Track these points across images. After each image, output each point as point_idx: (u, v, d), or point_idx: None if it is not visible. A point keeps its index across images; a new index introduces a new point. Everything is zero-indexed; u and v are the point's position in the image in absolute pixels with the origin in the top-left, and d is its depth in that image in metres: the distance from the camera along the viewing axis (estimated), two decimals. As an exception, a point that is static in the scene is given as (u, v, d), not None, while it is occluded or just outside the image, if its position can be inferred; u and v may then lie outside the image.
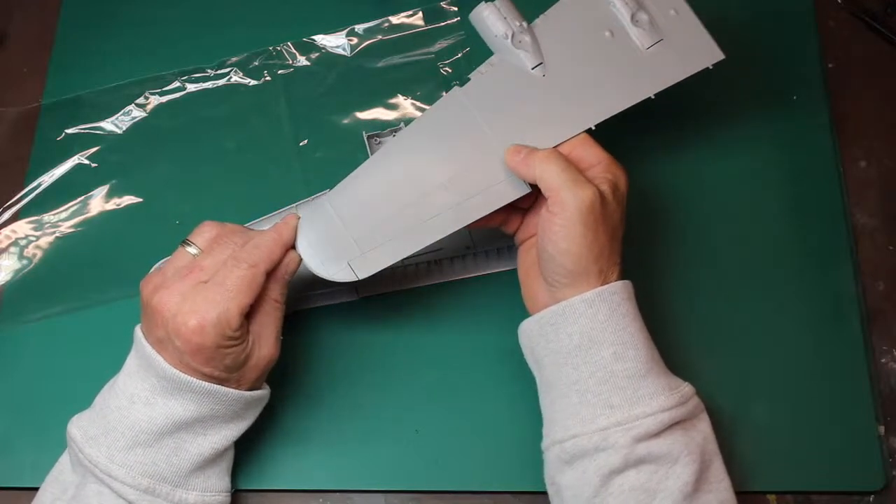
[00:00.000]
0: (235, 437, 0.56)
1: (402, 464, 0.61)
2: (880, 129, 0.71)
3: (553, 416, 0.55)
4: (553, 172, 0.54)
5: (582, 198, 0.53)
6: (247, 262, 0.53)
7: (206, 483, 0.55)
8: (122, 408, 0.53)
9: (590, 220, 0.53)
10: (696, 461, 0.52)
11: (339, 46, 0.74)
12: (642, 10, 0.60)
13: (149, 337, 0.54)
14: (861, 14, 0.74)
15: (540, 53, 0.59)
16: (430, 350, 0.64)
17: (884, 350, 0.64)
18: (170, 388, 0.53)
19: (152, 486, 0.53)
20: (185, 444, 0.54)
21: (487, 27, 0.59)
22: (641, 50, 0.60)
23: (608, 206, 0.54)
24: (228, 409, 0.55)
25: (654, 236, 0.66)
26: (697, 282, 0.65)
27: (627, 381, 0.53)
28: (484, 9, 0.59)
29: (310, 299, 0.66)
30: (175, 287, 0.53)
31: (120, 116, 0.72)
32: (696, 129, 0.70)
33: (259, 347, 0.55)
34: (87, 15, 0.76)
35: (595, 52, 0.59)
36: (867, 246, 0.67)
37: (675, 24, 0.60)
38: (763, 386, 0.62)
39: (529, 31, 0.59)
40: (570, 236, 0.53)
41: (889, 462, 0.61)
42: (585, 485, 0.52)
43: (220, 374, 0.53)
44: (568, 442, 0.53)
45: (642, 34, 0.60)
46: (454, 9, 0.74)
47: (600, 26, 0.60)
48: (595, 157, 0.56)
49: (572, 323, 0.54)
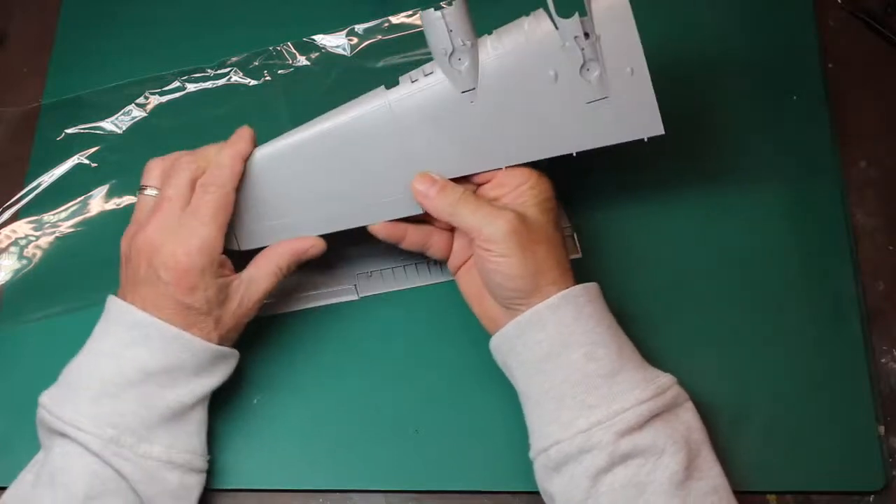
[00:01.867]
0: (203, 392, 0.56)
1: (402, 464, 0.61)
2: (880, 129, 0.70)
3: (534, 426, 0.55)
4: (467, 214, 0.55)
5: (503, 225, 0.54)
6: (214, 184, 0.56)
7: (173, 440, 0.55)
8: (87, 367, 0.55)
9: (522, 241, 0.54)
10: (683, 450, 0.52)
11: (339, 46, 0.74)
12: (596, 62, 0.55)
13: (126, 287, 0.56)
14: (861, 14, 0.74)
15: (475, 78, 0.56)
16: (430, 350, 0.64)
17: (884, 350, 0.64)
18: (138, 337, 0.54)
19: (117, 437, 0.53)
20: (151, 397, 0.54)
21: (431, 36, 0.56)
22: (581, 102, 0.56)
23: (534, 222, 0.55)
24: (195, 359, 0.55)
25: (653, 236, 0.66)
26: (696, 282, 0.65)
27: (602, 380, 0.53)
28: (433, 16, 0.55)
29: (310, 299, 0.66)
30: (152, 225, 0.55)
31: (120, 116, 0.72)
32: (695, 128, 0.70)
33: (245, 296, 0.57)
34: (87, 15, 0.76)
35: (532, 92, 0.56)
36: (867, 246, 0.67)
37: (626, 85, 0.55)
38: (763, 386, 0.62)
39: (472, 51, 0.55)
40: (511, 263, 0.54)
41: (889, 462, 0.61)
42: (575, 489, 0.52)
43: (200, 305, 0.54)
44: (552, 449, 0.53)
45: (587, 87, 0.55)
46: (454, 9, 0.74)
47: (547, 64, 0.55)
48: (520, 178, 0.57)
49: (539, 330, 0.54)
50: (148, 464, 0.54)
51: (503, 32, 0.56)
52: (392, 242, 0.60)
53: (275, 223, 0.59)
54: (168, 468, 0.54)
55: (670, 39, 0.72)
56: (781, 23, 0.73)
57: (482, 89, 0.56)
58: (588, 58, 0.55)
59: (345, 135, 0.58)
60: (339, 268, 0.66)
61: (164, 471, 0.54)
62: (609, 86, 0.55)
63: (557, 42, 0.55)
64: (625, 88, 0.55)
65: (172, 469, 0.55)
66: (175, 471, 0.55)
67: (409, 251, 0.60)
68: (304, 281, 0.66)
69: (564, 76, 0.55)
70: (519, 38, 0.55)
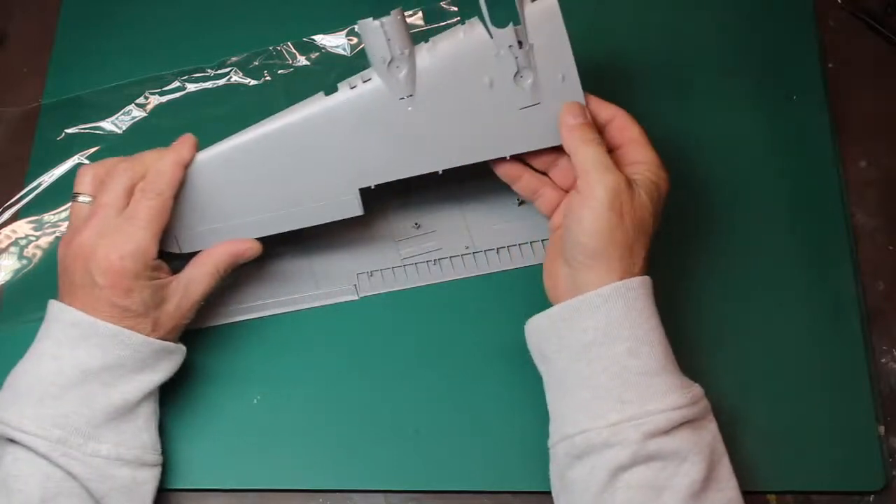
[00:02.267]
0: (148, 388, 0.57)
1: (402, 464, 0.61)
2: (880, 129, 0.70)
3: (562, 412, 0.55)
4: (588, 155, 0.55)
5: (609, 182, 0.54)
6: (153, 191, 0.56)
7: (121, 437, 0.55)
8: (30, 370, 0.55)
9: (615, 205, 0.54)
10: (705, 460, 0.52)
11: (339, 46, 0.74)
12: (529, 69, 0.57)
13: (63, 291, 0.57)
14: (861, 14, 0.74)
15: (412, 85, 0.57)
16: (430, 350, 0.64)
17: (884, 350, 0.64)
18: (76, 337, 0.55)
19: (64, 437, 0.53)
20: (94, 395, 0.55)
21: (370, 45, 0.56)
22: (515, 108, 0.58)
23: (637, 198, 0.55)
24: (135, 355, 0.55)
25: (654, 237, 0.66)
26: (696, 282, 0.65)
27: (640, 378, 0.53)
28: (372, 25, 0.55)
29: (310, 299, 0.66)
30: (87, 230, 0.56)
31: (120, 116, 0.72)
32: (695, 128, 0.70)
33: (183, 297, 0.57)
34: (87, 15, 0.76)
35: (467, 98, 0.57)
36: (867, 246, 0.67)
37: (557, 91, 0.57)
38: (763, 386, 0.62)
39: (410, 59, 0.56)
40: (594, 216, 0.54)
41: (889, 462, 0.61)
42: (593, 479, 0.52)
43: (137, 307, 0.55)
44: (578, 436, 0.53)
45: (521, 94, 0.57)
46: (454, 9, 0.74)
47: (482, 72, 0.57)
48: (643, 157, 0.57)
49: (587, 318, 0.54)
50: (97, 462, 0.54)
51: (440, 40, 0.57)
52: (507, 181, 0.61)
53: (216, 226, 0.60)
54: (118, 465, 0.55)
55: (670, 39, 0.72)
56: (781, 23, 0.73)
57: (419, 95, 0.57)
58: (521, 66, 0.57)
59: (283, 139, 0.58)
60: (339, 268, 0.66)
61: (114, 468, 0.55)
62: (542, 92, 0.57)
63: (492, 50, 0.56)
64: (556, 94, 0.57)
65: (122, 466, 0.55)
66: (125, 467, 0.55)
67: (409, 253, 0.60)
68: (303, 282, 0.66)
69: (499, 83, 0.57)
70: (455, 46, 0.57)
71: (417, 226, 0.66)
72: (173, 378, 0.59)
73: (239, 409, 0.63)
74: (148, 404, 0.58)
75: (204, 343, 0.64)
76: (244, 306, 0.65)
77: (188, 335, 0.64)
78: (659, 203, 0.57)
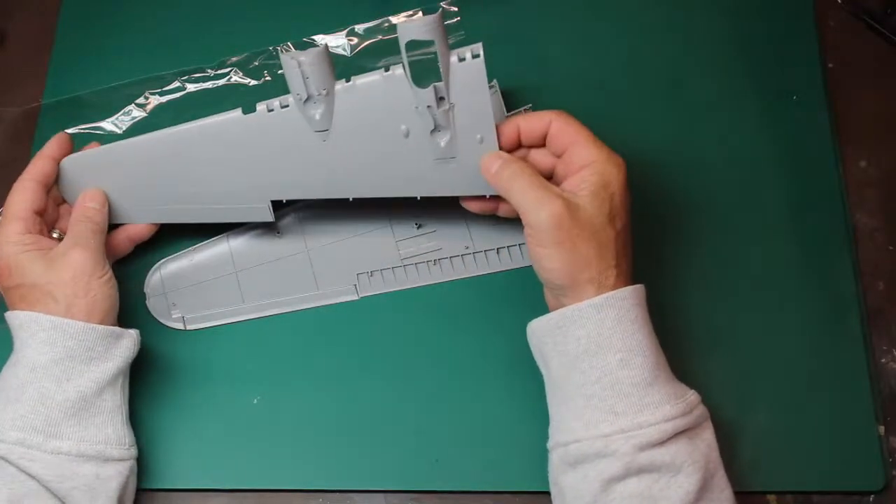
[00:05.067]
0: (104, 379, 0.56)
1: (402, 464, 0.61)
2: (880, 129, 0.70)
3: (558, 418, 0.55)
4: (518, 193, 0.55)
5: (546, 217, 0.53)
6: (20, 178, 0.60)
7: (83, 432, 0.55)
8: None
9: (560, 236, 0.53)
10: (700, 470, 0.52)
11: (339, 46, 0.74)
12: (447, 129, 0.56)
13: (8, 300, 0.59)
14: (861, 14, 0.74)
15: (329, 122, 0.57)
16: (429, 350, 0.64)
17: (884, 350, 0.64)
18: (22, 338, 0.55)
19: (23, 438, 0.54)
20: (49, 392, 0.55)
21: (288, 78, 0.56)
22: (429, 159, 0.57)
23: (583, 214, 0.53)
24: (81, 344, 0.55)
25: (652, 238, 0.66)
26: (697, 282, 0.65)
27: (633, 389, 0.52)
28: (290, 63, 0.55)
29: (310, 299, 0.66)
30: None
31: (120, 116, 0.72)
32: (695, 129, 0.70)
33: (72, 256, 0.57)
34: (87, 15, 0.76)
35: (382, 141, 0.57)
36: (867, 246, 0.67)
37: (474, 151, 0.56)
38: (763, 386, 0.62)
39: (328, 99, 0.56)
40: (548, 255, 0.54)
41: (889, 462, 0.61)
42: (586, 488, 0.52)
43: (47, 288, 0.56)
44: (571, 445, 0.53)
45: (436, 147, 0.57)
46: (454, 9, 0.74)
47: (400, 120, 0.56)
48: (586, 157, 0.55)
49: (580, 327, 0.54)
50: (58, 460, 0.54)
51: (361, 81, 0.56)
52: (486, 214, 0.61)
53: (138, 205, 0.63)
54: (80, 461, 0.54)
55: (670, 39, 0.72)
56: (781, 23, 0.73)
57: (334, 132, 0.57)
58: (440, 124, 0.56)
59: (191, 140, 0.60)
60: (338, 268, 0.66)
61: (75, 465, 0.54)
62: (458, 149, 0.57)
63: (412, 103, 0.56)
64: (472, 154, 0.57)
65: (84, 462, 0.55)
66: (87, 463, 0.55)
67: (409, 253, 0.60)
68: (303, 282, 0.66)
69: (415, 134, 0.57)
70: (375, 91, 0.56)
71: (418, 226, 0.66)
72: (173, 378, 0.59)
73: (238, 409, 0.63)
74: (110, 398, 0.57)
75: (204, 343, 0.64)
76: (245, 306, 0.66)
77: (188, 335, 0.64)
78: (614, 199, 0.55)
